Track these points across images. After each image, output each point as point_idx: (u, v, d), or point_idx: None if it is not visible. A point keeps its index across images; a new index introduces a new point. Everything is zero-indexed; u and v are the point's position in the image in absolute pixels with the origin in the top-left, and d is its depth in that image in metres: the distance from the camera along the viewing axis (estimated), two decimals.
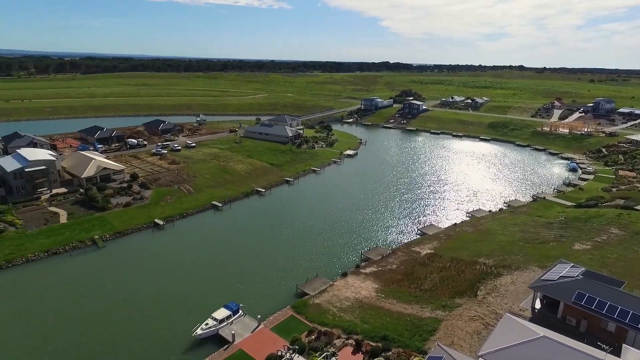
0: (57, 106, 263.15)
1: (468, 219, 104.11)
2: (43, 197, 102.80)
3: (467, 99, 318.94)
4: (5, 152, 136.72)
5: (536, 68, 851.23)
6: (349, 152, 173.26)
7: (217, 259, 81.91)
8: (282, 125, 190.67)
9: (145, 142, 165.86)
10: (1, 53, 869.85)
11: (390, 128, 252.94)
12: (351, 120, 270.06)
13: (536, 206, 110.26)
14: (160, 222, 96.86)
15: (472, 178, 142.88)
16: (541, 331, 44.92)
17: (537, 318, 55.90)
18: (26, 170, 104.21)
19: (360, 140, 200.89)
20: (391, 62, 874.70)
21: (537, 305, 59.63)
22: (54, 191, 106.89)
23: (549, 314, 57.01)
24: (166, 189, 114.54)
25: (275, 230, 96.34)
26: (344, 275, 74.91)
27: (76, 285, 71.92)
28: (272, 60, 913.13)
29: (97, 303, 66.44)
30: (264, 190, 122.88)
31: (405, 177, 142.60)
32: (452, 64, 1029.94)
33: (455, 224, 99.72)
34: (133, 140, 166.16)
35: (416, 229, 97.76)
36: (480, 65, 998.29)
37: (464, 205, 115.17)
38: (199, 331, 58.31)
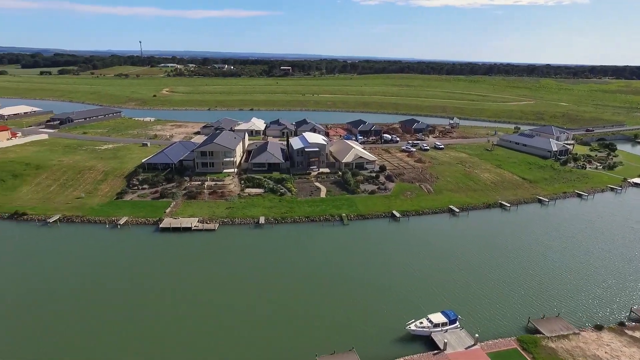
0: (335, 101, 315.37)
1: None
2: (312, 174, 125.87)
3: None
4: (295, 134, 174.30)
5: None
6: (637, 180, 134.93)
7: (446, 261, 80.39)
8: (546, 137, 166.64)
9: (398, 139, 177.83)
10: (308, 57, 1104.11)
11: None
12: None
13: None
14: (397, 215, 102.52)
15: None
16: None
17: None
18: (306, 150, 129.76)
19: None
20: None
21: None
22: (321, 170, 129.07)
23: None
24: (408, 185, 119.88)
25: (518, 247, 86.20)
26: (598, 328, 59.96)
27: (324, 251, 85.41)
28: (547, 65, 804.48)
29: (331, 271, 76.90)
30: (508, 204, 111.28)
31: None
32: None
33: None
34: (388, 135, 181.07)
35: None
36: None
37: None
38: (412, 327, 59.17)
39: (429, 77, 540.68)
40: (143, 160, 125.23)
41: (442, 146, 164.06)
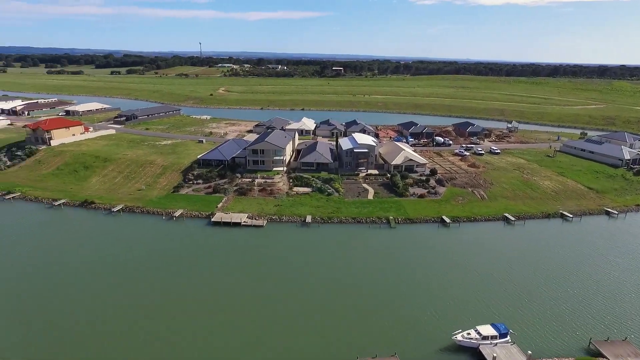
0: (386, 102, 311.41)
1: None
2: (361, 175, 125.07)
3: None
4: (345, 135, 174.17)
5: None
6: None
7: (498, 271, 76.55)
8: (617, 145, 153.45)
9: (451, 142, 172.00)
10: (360, 58, 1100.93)
11: None
12: None
13: None
14: (447, 220, 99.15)
15: None
16: None
17: None
18: (355, 150, 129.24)
19: None
20: None
21: None
22: (369, 171, 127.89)
23: None
24: (459, 190, 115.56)
25: (579, 262, 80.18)
26: None
27: (370, 253, 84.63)
28: (621, 65, 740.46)
29: (377, 274, 75.83)
30: (571, 215, 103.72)
31: None
32: None
33: None
34: (440, 138, 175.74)
35: None
36: None
37: None
38: (459, 337, 56.95)
39: (486, 78, 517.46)
40: (198, 156, 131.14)
41: (498, 151, 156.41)
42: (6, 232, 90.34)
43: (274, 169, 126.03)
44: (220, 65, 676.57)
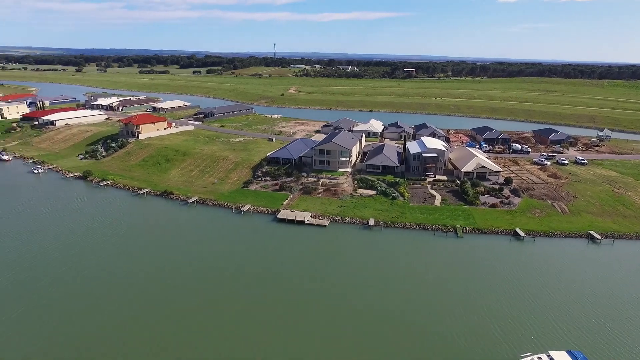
0: (459, 105, 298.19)
1: None
2: (428, 180, 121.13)
3: None
4: (413, 138, 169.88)
5: None
6: None
7: (578, 293, 69.79)
8: None
9: (529, 150, 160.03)
10: (434, 59, 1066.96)
11: None
12: None
13: None
14: (521, 233, 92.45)
15: None
16: None
17: None
18: (423, 154, 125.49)
19: None
20: None
21: None
22: (437, 177, 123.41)
23: None
24: (537, 202, 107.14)
25: None
26: None
27: (434, 262, 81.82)
28: None
29: (440, 285, 72.95)
30: None
31: None
32: None
33: None
34: (517, 145, 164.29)
35: None
36: None
37: None
38: None
39: (575, 81, 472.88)
40: (267, 154, 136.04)
41: (585, 161, 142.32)
42: (103, 215, 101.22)
43: (340, 169, 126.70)
44: (292, 65, 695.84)
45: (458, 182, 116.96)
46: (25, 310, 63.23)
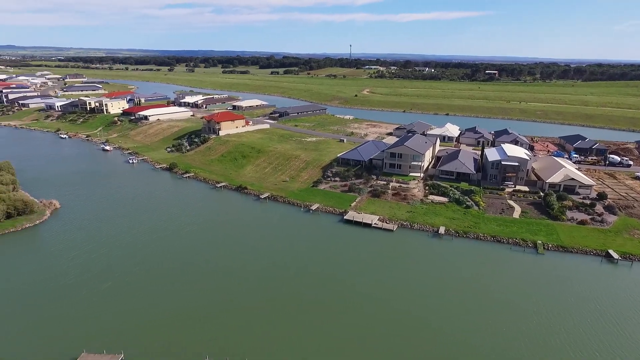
0: (547, 110, 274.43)
1: None
2: (507, 190, 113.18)
3: None
4: (492, 144, 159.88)
5: None
6: None
7: None
8: None
9: (631, 162, 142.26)
10: (520, 60, 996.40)
11: None
12: None
13: None
14: (615, 256, 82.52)
15: None
16: None
17: None
18: (502, 163, 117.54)
19: None
20: None
21: None
22: (517, 187, 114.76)
23: None
24: (637, 222, 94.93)
25: None
26: None
27: (509, 279, 76.31)
28: None
29: (514, 304, 67.65)
30: None
31: None
32: None
33: None
34: (616, 157, 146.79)
35: None
36: None
37: None
38: None
39: None
40: (338, 155, 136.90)
41: None
42: (184, 205, 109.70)
43: (411, 174, 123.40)
44: (367, 67, 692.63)
45: (541, 194, 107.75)
46: (113, 285, 70.61)
